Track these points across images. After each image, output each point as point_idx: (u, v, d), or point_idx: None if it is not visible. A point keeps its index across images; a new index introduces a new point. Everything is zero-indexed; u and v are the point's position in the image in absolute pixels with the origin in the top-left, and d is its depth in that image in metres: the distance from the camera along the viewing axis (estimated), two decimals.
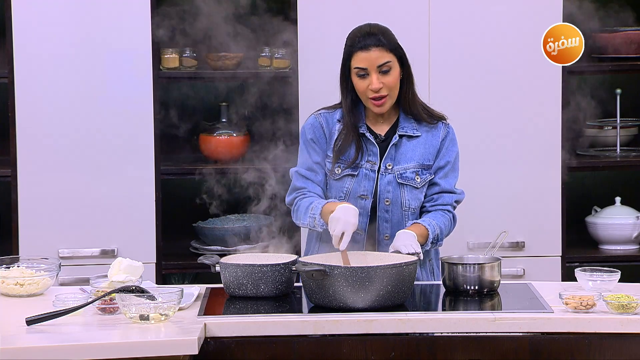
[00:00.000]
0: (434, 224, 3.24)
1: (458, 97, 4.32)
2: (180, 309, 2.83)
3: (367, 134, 3.27)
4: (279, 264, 3.02)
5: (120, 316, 2.80)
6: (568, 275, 4.37)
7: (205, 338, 2.76)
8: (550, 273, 4.35)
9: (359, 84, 3.24)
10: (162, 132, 4.31)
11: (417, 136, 3.29)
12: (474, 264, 3.06)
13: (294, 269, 2.97)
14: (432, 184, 3.31)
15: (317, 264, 2.91)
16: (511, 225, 4.24)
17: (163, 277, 4.29)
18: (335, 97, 3.35)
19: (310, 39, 4.28)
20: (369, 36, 3.23)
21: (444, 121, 3.35)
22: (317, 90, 4.28)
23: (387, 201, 3.25)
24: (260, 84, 4.40)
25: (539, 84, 4.32)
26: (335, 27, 4.28)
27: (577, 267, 3.15)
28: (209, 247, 4.35)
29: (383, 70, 3.22)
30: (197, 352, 2.64)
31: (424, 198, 3.30)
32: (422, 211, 3.31)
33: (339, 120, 3.29)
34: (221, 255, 3.15)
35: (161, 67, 4.35)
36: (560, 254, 4.38)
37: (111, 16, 4.20)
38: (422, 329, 2.82)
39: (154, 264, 4.26)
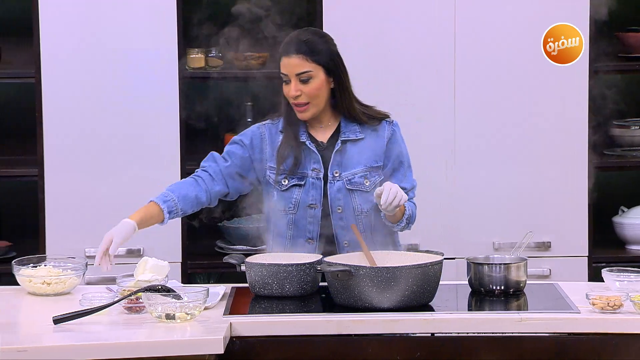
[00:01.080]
0: (409, 205, 3.24)
1: (484, 97, 4.31)
2: (205, 309, 2.84)
3: (308, 142, 3.23)
4: (304, 264, 3.02)
5: (146, 315, 2.81)
6: (595, 275, 4.34)
7: (231, 337, 2.76)
8: (577, 273, 4.32)
9: (283, 88, 3.22)
10: (188, 132, 4.32)
11: (361, 139, 3.25)
12: (500, 264, 3.05)
13: (319, 268, 2.97)
14: (391, 182, 3.26)
15: (342, 264, 2.91)
16: (537, 225, 4.22)
17: (188, 277, 4.30)
18: (361, 94, 3.33)
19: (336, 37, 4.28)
20: (295, 43, 3.20)
21: (388, 119, 3.31)
22: None
23: (339, 209, 3.22)
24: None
25: (565, 83, 4.30)
26: (358, 28, 4.29)
27: (603, 267, 3.13)
28: (234, 246, 4.36)
29: (302, 79, 3.18)
30: (222, 352, 2.64)
31: None
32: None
33: (281, 131, 3.25)
34: (246, 255, 3.15)
35: (187, 67, 4.36)
36: (587, 255, 4.36)
37: (137, 16, 4.22)
38: (448, 329, 2.81)
39: (180, 263, 4.28)
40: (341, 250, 3.22)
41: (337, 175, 3.22)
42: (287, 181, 3.22)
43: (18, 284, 3.11)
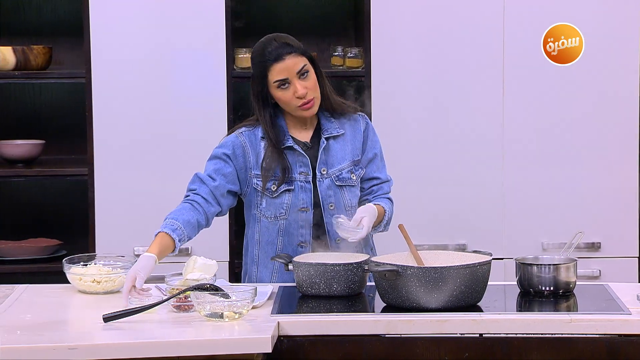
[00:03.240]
0: (387, 208, 3.24)
1: (533, 96, 4.29)
2: (253, 307, 2.85)
3: (295, 146, 3.21)
4: (351, 264, 3.02)
5: (194, 314, 2.82)
6: None
7: (279, 336, 2.76)
8: (627, 274, 4.28)
9: (283, 95, 3.17)
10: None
11: (342, 134, 3.25)
12: (549, 264, 3.02)
13: (367, 268, 2.97)
14: (369, 177, 3.28)
15: (389, 264, 2.90)
16: (587, 225, 4.19)
17: (236, 276, 4.32)
18: (406, 98, 3.32)
19: (383, 39, 4.28)
20: (280, 46, 3.16)
21: (360, 113, 3.30)
22: (389, 90, 4.28)
23: (331, 206, 3.22)
24: (333, 83, 4.40)
25: (615, 82, 4.26)
26: (407, 26, 4.28)
27: None
28: None
29: (302, 75, 3.16)
30: (270, 351, 2.65)
31: (361, 192, 3.28)
32: (361, 204, 3.27)
33: (263, 137, 3.22)
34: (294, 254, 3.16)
35: (235, 67, 4.38)
36: (637, 255, 4.32)
37: (186, 16, 4.25)
38: (497, 330, 2.79)
39: (227, 262, 4.30)
40: (334, 248, 3.21)
41: (324, 173, 3.22)
42: (275, 187, 3.20)
43: (68, 282, 3.14)
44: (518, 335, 2.79)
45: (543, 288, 3.01)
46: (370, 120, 3.34)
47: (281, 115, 3.24)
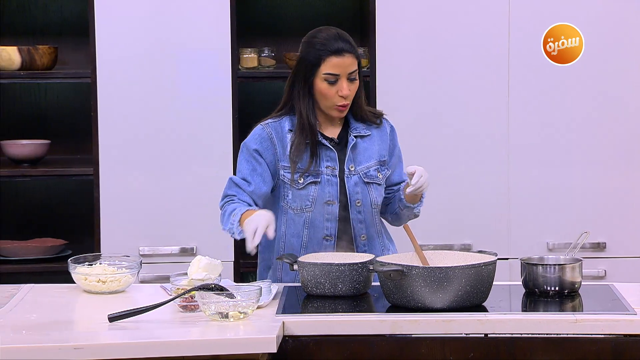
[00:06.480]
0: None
1: (538, 95, 4.28)
2: (258, 307, 2.85)
3: (323, 140, 3.22)
4: (356, 263, 3.02)
5: (199, 314, 2.82)
6: None
7: (284, 336, 2.77)
8: (633, 274, 4.28)
9: (326, 89, 3.16)
10: (241, 132, 4.34)
11: (369, 135, 3.26)
12: (555, 264, 3.02)
13: (372, 268, 2.97)
14: (397, 182, 3.31)
15: (394, 264, 2.90)
16: (592, 225, 4.18)
17: (241, 276, 4.32)
18: (411, 98, 3.32)
19: (388, 39, 4.28)
20: (342, 41, 3.15)
21: (384, 117, 3.32)
22: (394, 90, 4.28)
23: (358, 202, 3.23)
24: None
25: (621, 80, 4.26)
26: (411, 26, 4.28)
27: None
28: None
29: (351, 77, 3.16)
30: (275, 350, 2.65)
31: (389, 195, 3.31)
32: (386, 203, 3.31)
33: (290, 130, 3.21)
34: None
35: (240, 67, 4.38)
36: None
37: (191, 16, 4.25)
38: (502, 330, 2.79)
39: (232, 262, 4.30)
40: (358, 245, 3.22)
41: (352, 169, 3.23)
42: (302, 179, 3.20)
43: (74, 282, 3.15)
44: (523, 336, 2.79)
45: (548, 288, 3.00)
46: None
47: (315, 109, 3.24)
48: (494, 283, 2.96)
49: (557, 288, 3.00)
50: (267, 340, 2.64)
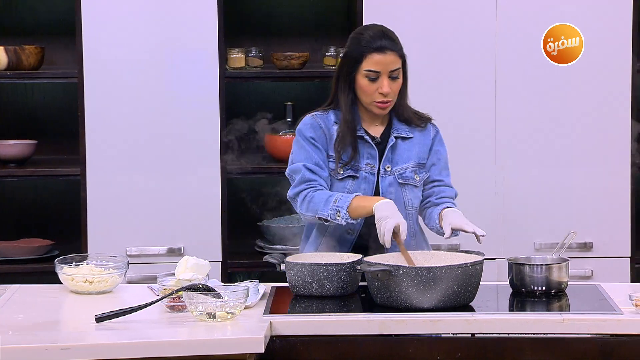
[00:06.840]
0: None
1: (526, 98, 4.29)
2: (246, 308, 2.85)
3: (365, 137, 3.23)
4: (344, 264, 3.02)
5: (187, 314, 2.82)
6: (637, 276, 4.31)
7: (271, 336, 2.77)
8: (619, 274, 4.29)
9: (367, 86, 3.17)
10: (228, 132, 4.34)
11: (411, 137, 3.26)
12: (542, 264, 3.03)
13: (359, 268, 2.97)
14: (431, 180, 3.29)
15: (382, 264, 2.90)
16: (579, 225, 4.19)
17: (229, 276, 4.32)
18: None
19: None
20: (385, 38, 3.17)
21: (432, 122, 3.32)
22: None
23: None
24: (325, 84, 4.41)
25: (608, 82, 4.27)
26: (398, 25, 4.27)
27: None
28: (274, 245, 4.37)
29: (393, 76, 3.17)
30: (263, 351, 2.65)
31: (423, 194, 3.30)
32: (425, 206, 3.30)
33: (336, 122, 3.23)
34: (286, 254, 3.16)
35: (227, 67, 4.38)
36: (630, 255, 4.32)
37: (178, 16, 4.24)
38: (489, 330, 2.80)
39: (220, 262, 4.30)
40: (382, 246, 3.21)
41: (388, 169, 3.23)
42: (342, 171, 3.22)
43: (61, 283, 3.14)
44: (510, 335, 2.80)
45: (535, 288, 3.01)
46: None
47: (356, 106, 3.24)
48: (481, 283, 2.97)
49: (544, 288, 3.01)
50: (254, 341, 2.64)
